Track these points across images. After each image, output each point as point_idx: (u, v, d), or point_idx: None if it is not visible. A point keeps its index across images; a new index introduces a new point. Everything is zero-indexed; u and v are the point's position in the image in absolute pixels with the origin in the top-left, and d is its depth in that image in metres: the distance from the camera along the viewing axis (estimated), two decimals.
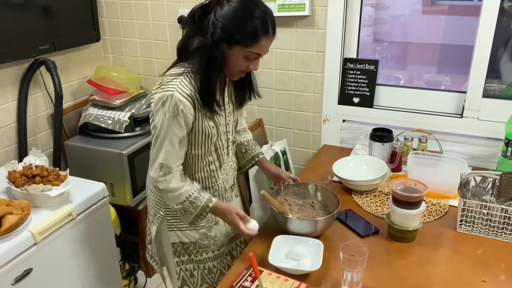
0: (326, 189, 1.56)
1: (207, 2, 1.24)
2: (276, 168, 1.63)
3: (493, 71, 1.98)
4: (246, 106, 1.59)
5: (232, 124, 1.48)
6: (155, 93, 1.29)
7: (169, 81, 1.27)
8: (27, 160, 1.80)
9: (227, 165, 1.50)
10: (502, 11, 1.79)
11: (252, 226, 1.35)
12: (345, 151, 2.10)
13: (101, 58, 2.62)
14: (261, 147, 1.89)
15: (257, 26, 1.20)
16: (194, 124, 1.32)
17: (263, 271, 1.25)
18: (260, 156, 1.63)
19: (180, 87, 1.25)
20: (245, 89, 1.46)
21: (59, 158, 2.24)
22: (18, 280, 1.48)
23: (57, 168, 1.76)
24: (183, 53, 1.30)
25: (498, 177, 1.42)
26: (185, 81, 1.26)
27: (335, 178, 1.78)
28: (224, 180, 1.50)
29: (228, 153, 1.49)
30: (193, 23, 1.26)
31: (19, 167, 1.74)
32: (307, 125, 2.26)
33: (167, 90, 1.25)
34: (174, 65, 1.35)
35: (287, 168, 2.01)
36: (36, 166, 1.74)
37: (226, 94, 1.41)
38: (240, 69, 1.30)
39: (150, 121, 1.36)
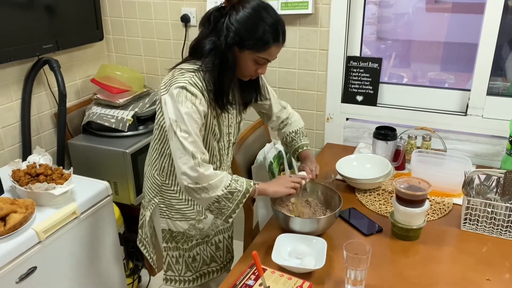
0: (326, 187, 1.56)
1: (223, 5, 1.28)
2: (305, 164, 1.61)
3: (498, 69, 1.97)
4: (271, 90, 1.63)
5: (234, 126, 1.50)
6: (165, 88, 1.30)
7: (180, 76, 1.29)
8: (31, 158, 1.81)
9: (225, 165, 1.54)
10: (506, 8, 1.78)
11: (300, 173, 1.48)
12: (349, 150, 2.09)
13: (104, 57, 2.63)
14: (264, 146, 1.90)
15: (269, 34, 1.25)
16: (205, 119, 1.34)
17: (266, 269, 1.25)
18: (304, 149, 1.66)
19: (192, 81, 1.28)
20: (251, 91, 1.49)
21: (63, 156, 2.25)
22: (22, 278, 1.48)
23: (61, 167, 1.76)
24: (197, 51, 1.33)
25: (503, 175, 1.41)
26: (196, 78, 1.29)
27: (338, 177, 1.78)
28: None
29: (228, 154, 1.53)
30: (208, 24, 1.30)
31: (23, 165, 1.74)
32: (311, 123, 2.25)
33: (179, 83, 1.27)
34: (185, 61, 1.36)
35: (290, 166, 2.00)
36: (40, 165, 1.75)
37: (231, 95, 1.42)
38: (250, 72, 1.35)
39: (159, 116, 1.37)
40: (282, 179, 1.44)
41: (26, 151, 2.12)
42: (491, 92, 1.93)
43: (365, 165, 1.83)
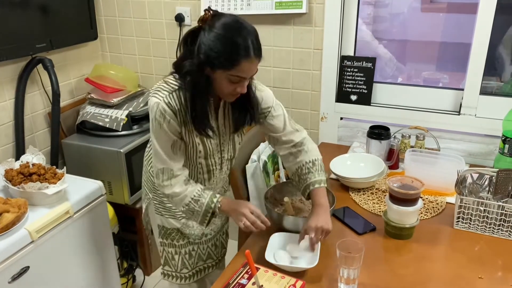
0: None
1: (198, 26, 1.26)
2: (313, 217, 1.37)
3: (491, 69, 1.98)
4: (281, 107, 1.45)
5: (228, 143, 1.45)
6: (150, 97, 1.33)
7: (160, 90, 1.30)
8: (24, 158, 1.80)
9: (218, 178, 1.52)
10: (499, 8, 1.79)
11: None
12: (343, 149, 2.10)
13: (98, 56, 2.62)
14: (258, 145, 1.89)
15: (238, 50, 1.20)
16: (182, 136, 1.34)
17: (259, 268, 1.25)
18: (314, 186, 1.40)
19: (167, 99, 1.28)
20: (244, 113, 1.39)
21: (57, 156, 2.24)
22: (14, 278, 1.48)
23: (54, 166, 1.76)
24: (177, 70, 1.32)
25: (495, 174, 1.42)
26: (174, 95, 1.29)
27: (332, 176, 1.78)
28: (211, 188, 1.50)
29: (221, 169, 1.50)
30: (186, 46, 1.30)
31: (16, 165, 1.74)
32: (305, 122, 2.25)
33: (156, 97, 1.29)
34: (173, 73, 1.35)
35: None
36: (33, 164, 1.74)
37: (220, 116, 1.39)
38: (228, 92, 1.28)
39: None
40: (242, 209, 1.34)
41: (19, 151, 2.11)
42: (484, 91, 1.93)
43: (359, 164, 1.83)
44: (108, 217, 1.93)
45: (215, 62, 1.21)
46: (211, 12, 1.24)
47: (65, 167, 1.77)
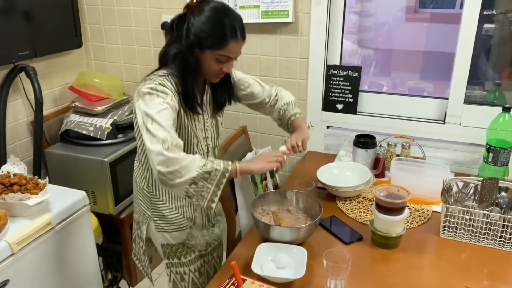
0: (308, 195, 1.55)
1: (183, 12, 1.35)
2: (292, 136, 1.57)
3: (475, 78, 2.01)
4: (251, 77, 1.63)
5: (211, 130, 1.51)
6: (137, 95, 1.33)
7: (149, 81, 1.32)
8: (5, 168, 1.76)
9: None
10: (482, 19, 1.82)
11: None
12: (330, 157, 2.10)
13: (83, 64, 2.59)
14: (245, 154, 1.88)
15: (226, 31, 1.30)
16: (178, 119, 1.36)
17: (246, 279, 1.24)
18: (291, 119, 1.63)
19: (161, 82, 1.31)
20: (224, 92, 1.52)
21: (39, 166, 2.20)
22: None
23: (36, 176, 1.72)
24: (163, 60, 1.39)
25: (480, 182, 1.43)
26: (166, 80, 1.33)
27: (319, 185, 1.78)
28: None
29: (207, 158, 1.49)
30: (171, 32, 1.37)
31: None
32: None
33: (148, 85, 1.30)
34: (155, 71, 1.40)
35: (272, 175, 1.99)
36: (14, 175, 1.70)
37: (205, 100, 1.48)
38: (214, 72, 1.37)
39: (136, 126, 1.36)
40: (264, 156, 1.43)
41: (0, 160, 2.07)
42: (468, 100, 1.96)
43: (345, 173, 1.83)
44: (92, 227, 1.89)
45: (205, 43, 1.30)
46: None
47: (47, 177, 1.74)
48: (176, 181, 1.22)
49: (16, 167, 1.77)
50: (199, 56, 1.33)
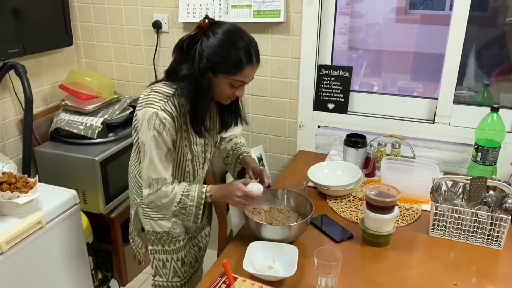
0: (299, 194, 1.56)
1: (194, 32, 1.31)
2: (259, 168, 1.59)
3: (462, 79, 2.03)
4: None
5: (211, 143, 1.53)
6: (140, 108, 1.34)
7: (155, 100, 1.32)
8: None
9: (200, 176, 1.56)
10: (471, 20, 1.84)
11: (256, 188, 1.39)
12: (321, 157, 2.11)
13: (73, 63, 2.57)
14: None
15: (241, 56, 1.28)
16: (175, 141, 1.38)
17: (237, 278, 1.24)
18: (245, 154, 1.64)
19: (164, 107, 1.31)
20: (231, 115, 1.51)
21: (29, 164, 2.18)
22: None
23: (26, 175, 1.71)
24: (171, 76, 1.36)
25: (469, 181, 1.45)
26: (170, 102, 1.32)
27: (310, 184, 1.78)
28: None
29: (203, 168, 1.55)
30: (181, 52, 1.33)
31: None
32: (283, 131, 2.26)
33: (153, 108, 1.30)
34: (161, 81, 1.39)
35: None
36: (3, 173, 1.69)
37: (211, 117, 1.48)
38: (227, 95, 1.36)
39: (133, 134, 1.42)
40: (231, 190, 1.39)
41: None
42: (457, 100, 1.98)
43: (336, 172, 1.84)
44: (82, 227, 1.88)
45: (220, 68, 1.28)
46: (209, 20, 1.30)
47: (37, 176, 1.72)
48: (163, 211, 1.46)
49: (5, 165, 1.76)
50: (211, 80, 1.31)
